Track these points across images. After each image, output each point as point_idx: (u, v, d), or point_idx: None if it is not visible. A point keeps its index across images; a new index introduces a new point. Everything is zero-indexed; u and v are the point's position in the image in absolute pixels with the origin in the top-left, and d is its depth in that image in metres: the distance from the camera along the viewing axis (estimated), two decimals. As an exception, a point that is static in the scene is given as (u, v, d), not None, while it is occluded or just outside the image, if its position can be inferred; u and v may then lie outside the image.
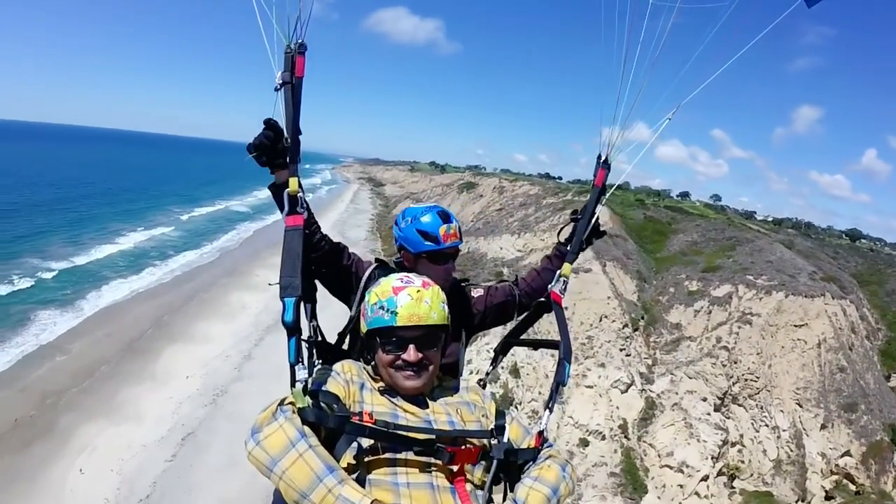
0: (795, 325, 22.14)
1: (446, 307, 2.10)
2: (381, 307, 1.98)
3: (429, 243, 2.67)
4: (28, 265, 25.29)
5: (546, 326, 3.08)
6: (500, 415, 2.15)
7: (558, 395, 2.40)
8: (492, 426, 2.07)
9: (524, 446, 2.15)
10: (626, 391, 19.84)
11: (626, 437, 18.56)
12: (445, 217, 2.72)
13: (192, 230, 39.11)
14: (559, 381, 2.35)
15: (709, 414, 19.12)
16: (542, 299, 2.81)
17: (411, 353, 1.93)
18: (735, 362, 21.24)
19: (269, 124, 2.13)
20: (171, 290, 24.44)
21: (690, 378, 20.22)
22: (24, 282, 22.75)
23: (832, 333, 22.04)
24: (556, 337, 2.68)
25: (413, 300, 1.99)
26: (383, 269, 2.75)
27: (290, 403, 1.73)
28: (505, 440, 2.01)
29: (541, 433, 2.20)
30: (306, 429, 1.67)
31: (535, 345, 3.05)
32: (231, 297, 23.25)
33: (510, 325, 3.01)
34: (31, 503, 10.59)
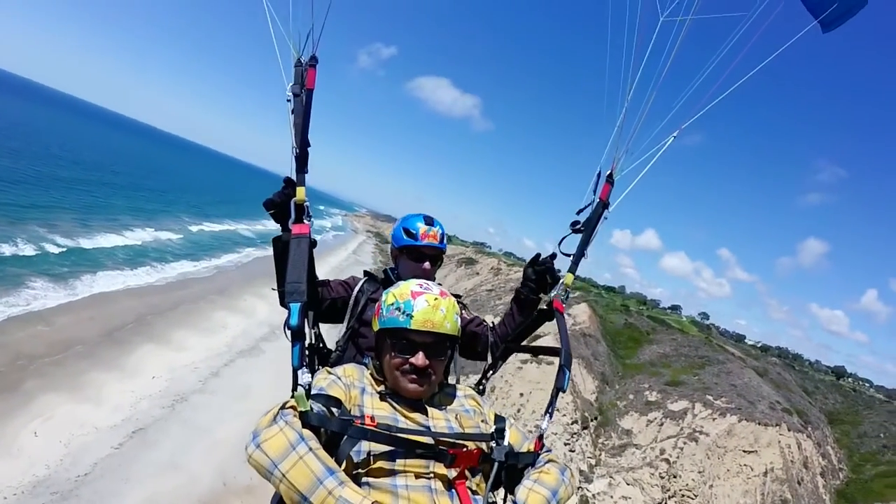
0: (745, 451, 22.35)
1: (459, 320, 2.18)
2: (398, 308, 2.07)
3: (408, 239, 2.93)
4: (36, 234, 26.07)
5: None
6: (499, 419, 2.22)
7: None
8: (492, 430, 2.14)
9: (524, 450, 2.20)
10: (562, 487, 20.04)
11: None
12: (429, 220, 2.99)
13: (196, 242, 40.02)
14: (559, 388, 2.39)
15: (639, 522, 19.28)
16: (545, 307, 2.88)
17: (420, 359, 2.03)
18: (674, 476, 21.37)
19: (289, 182, 2.29)
20: (160, 293, 25.11)
21: (628, 484, 20.39)
22: (28, 248, 23.48)
23: (781, 464, 22.16)
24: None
25: (429, 306, 2.07)
26: (371, 281, 3.04)
27: (291, 407, 1.79)
28: (505, 444, 2.07)
29: (540, 437, 2.26)
30: (307, 432, 1.72)
31: (536, 351, 3.16)
32: (215, 314, 23.90)
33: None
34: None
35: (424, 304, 2.06)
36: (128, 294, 23.32)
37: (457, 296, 2.89)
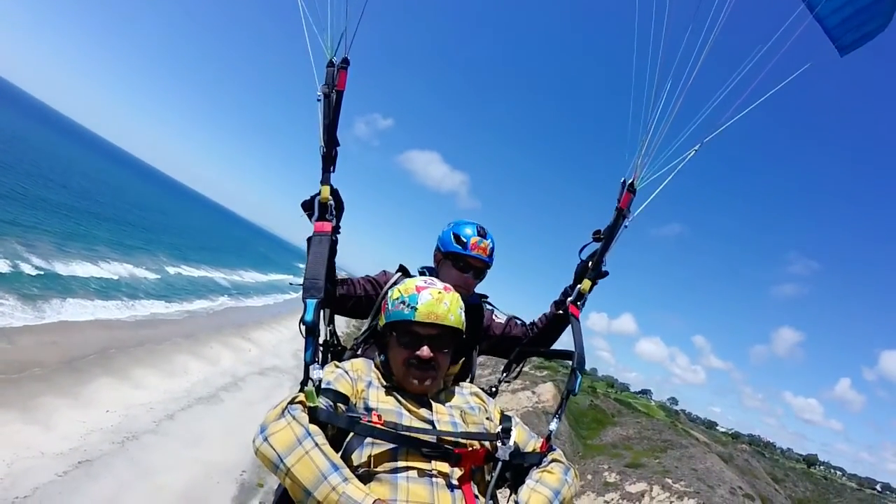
0: None
1: (463, 314, 2.22)
2: (403, 302, 2.13)
3: (457, 246, 2.82)
4: (13, 251, 25.88)
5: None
6: (505, 418, 2.25)
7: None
8: (497, 429, 2.15)
9: (529, 450, 2.23)
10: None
11: None
12: (482, 231, 2.87)
13: (170, 284, 39.70)
14: (570, 390, 2.43)
15: None
16: (560, 312, 2.92)
17: (425, 351, 2.07)
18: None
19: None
20: (127, 328, 24.83)
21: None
22: (2, 264, 23.37)
23: (741, 550, 21.70)
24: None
25: (433, 299, 2.11)
26: (406, 276, 2.85)
27: (300, 402, 1.81)
28: (511, 444, 2.07)
29: (548, 438, 2.30)
30: (313, 427, 1.75)
31: (548, 355, 3.09)
32: (179, 357, 23.58)
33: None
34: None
35: (429, 297, 2.11)
36: (94, 325, 23.02)
37: (483, 296, 3.06)
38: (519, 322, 3.12)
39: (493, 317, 3.06)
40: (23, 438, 12.62)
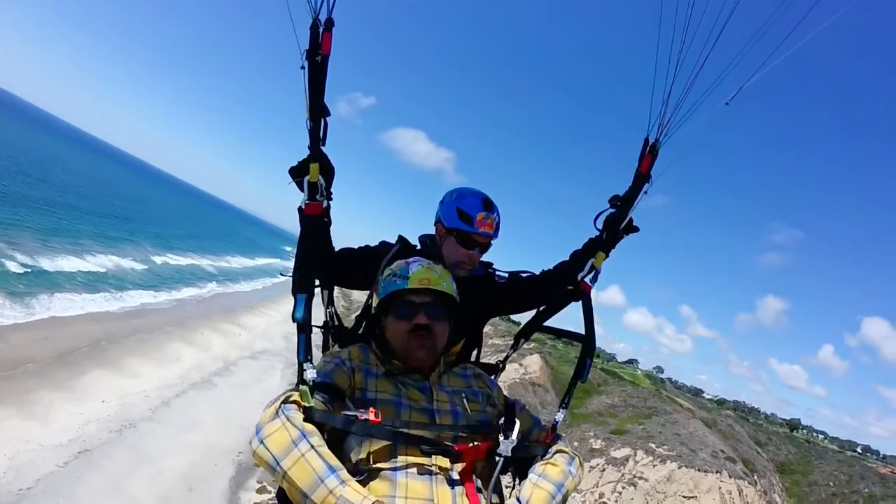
0: (684, 496, 22.89)
1: (454, 285, 2.19)
2: (394, 275, 2.14)
3: (462, 223, 2.59)
4: (-4, 249, 26.00)
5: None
6: (509, 407, 2.16)
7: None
8: (500, 421, 2.08)
9: (533, 439, 2.19)
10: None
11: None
12: (488, 205, 2.63)
13: (157, 274, 39.71)
14: (578, 377, 2.36)
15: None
16: (571, 287, 2.66)
17: (421, 318, 2.05)
18: (612, 519, 21.74)
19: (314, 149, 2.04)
20: (117, 320, 25.04)
21: (567, 525, 20.74)
22: (-13, 264, 23.47)
23: (721, 509, 22.91)
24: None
25: (424, 268, 2.13)
26: (406, 247, 2.73)
27: (294, 402, 1.79)
28: (514, 436, 1.97)
29: (553, 428, 2.24)
30: (309, 427, 1.72)
31: (559, 334, 2.88)
32: (170, 345, 23.90)
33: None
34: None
35: (419, 267, 2.13)
36: (84, 318, 23.22)
37: (488, 264, 2.88)
38: (524, 275, 2.89)
39: (496, 279, 2.88)
40: (22, 433, 13.00)
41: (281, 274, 2.48)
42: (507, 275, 2.88)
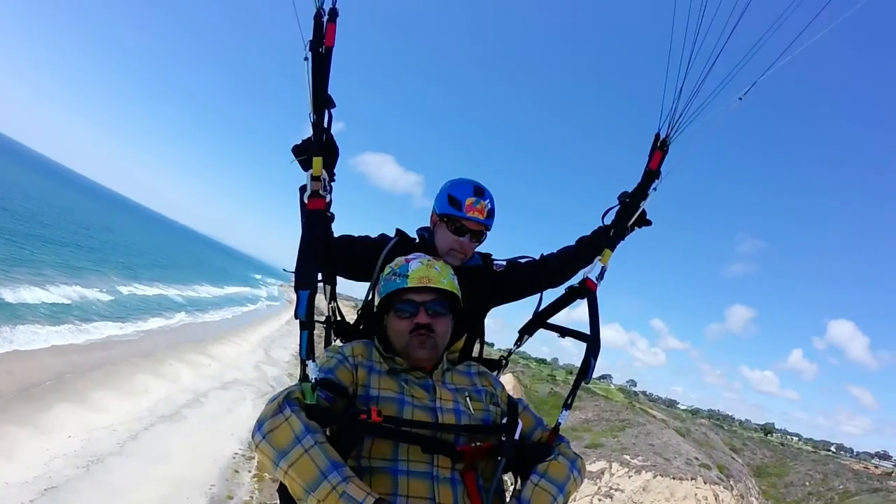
0: None
1: (456, 281, 2.17)
2: (394, 273, 2.11)
3: (451, 208, 2.56)
4: (-45, 282, 25.35)
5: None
6: (512, 407, 2.12)
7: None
8: (503, 420, 2.04)
9: (535, 439, 2.16)
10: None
11: None
12: (479, 191, 2.58)
13: (123, 304, 38.94)
14: (583, 378, 2.30)
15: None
16: (576, 284, 2.62)
17: (422, 316, 2.03)
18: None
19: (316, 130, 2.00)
20: (82, 352, 24.52)
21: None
22: (-53, 296, 22.88)
23: (698, 516, 23.07)
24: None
25: (424, 266, 2.10)
26: (404, 241, 2.70)
27: (297, 398, 1.77)
28: (516, 437, 1.97)
29: (556, 428, 2.19)
30: (313, 423, 1.70)
31: (563, 332, 2.74)
32: (137, 377, 23.50)
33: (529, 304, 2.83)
34: None
35: (419, 265, 2.10)
36: (48, 352, 22.71)
37: (486, 255, 2.82)
38: (524, 261, 2.87)
39: (494, 268, 2.83)
40: (-14, 470, 12.72)
41: (284, 270, 2.20)
42: (505, 263, 2.84)
